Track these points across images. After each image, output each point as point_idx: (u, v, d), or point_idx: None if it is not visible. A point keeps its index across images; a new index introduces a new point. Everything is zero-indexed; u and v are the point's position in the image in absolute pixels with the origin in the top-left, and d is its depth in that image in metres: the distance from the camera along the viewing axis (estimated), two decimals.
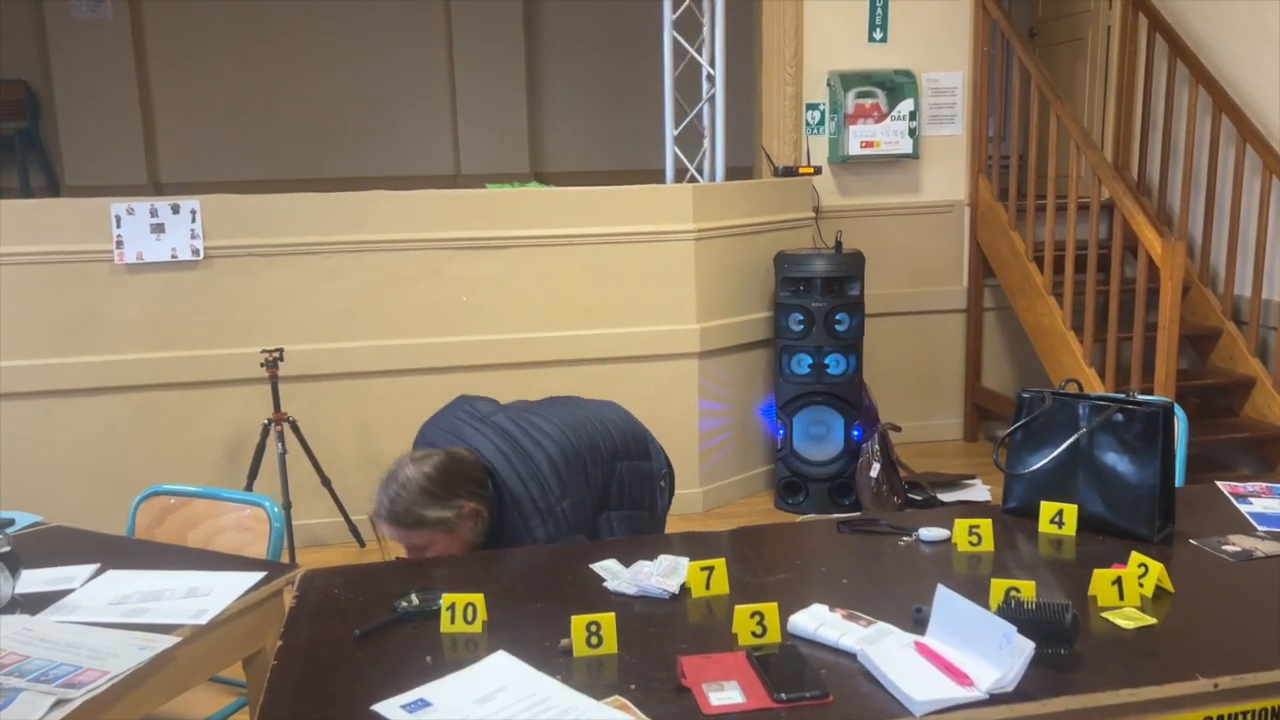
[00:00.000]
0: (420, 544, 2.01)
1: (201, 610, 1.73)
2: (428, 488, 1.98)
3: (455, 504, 1.99)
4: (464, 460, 2.07)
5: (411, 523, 1.98)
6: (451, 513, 1.99)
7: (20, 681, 1.50)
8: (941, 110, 4.97)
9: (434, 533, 1.99)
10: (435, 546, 2.01)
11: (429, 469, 2.00)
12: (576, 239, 4.08)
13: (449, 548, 2.01)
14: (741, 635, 1.55)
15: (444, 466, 2.02)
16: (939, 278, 5.09)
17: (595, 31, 7.73)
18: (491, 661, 1.51)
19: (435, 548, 2.01)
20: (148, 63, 7.33)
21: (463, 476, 2.04)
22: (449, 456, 2.06)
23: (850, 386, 4.25)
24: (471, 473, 2.06)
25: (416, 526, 1.98)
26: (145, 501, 2.24)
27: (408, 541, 2.01)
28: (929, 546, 1.92)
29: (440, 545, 2.00)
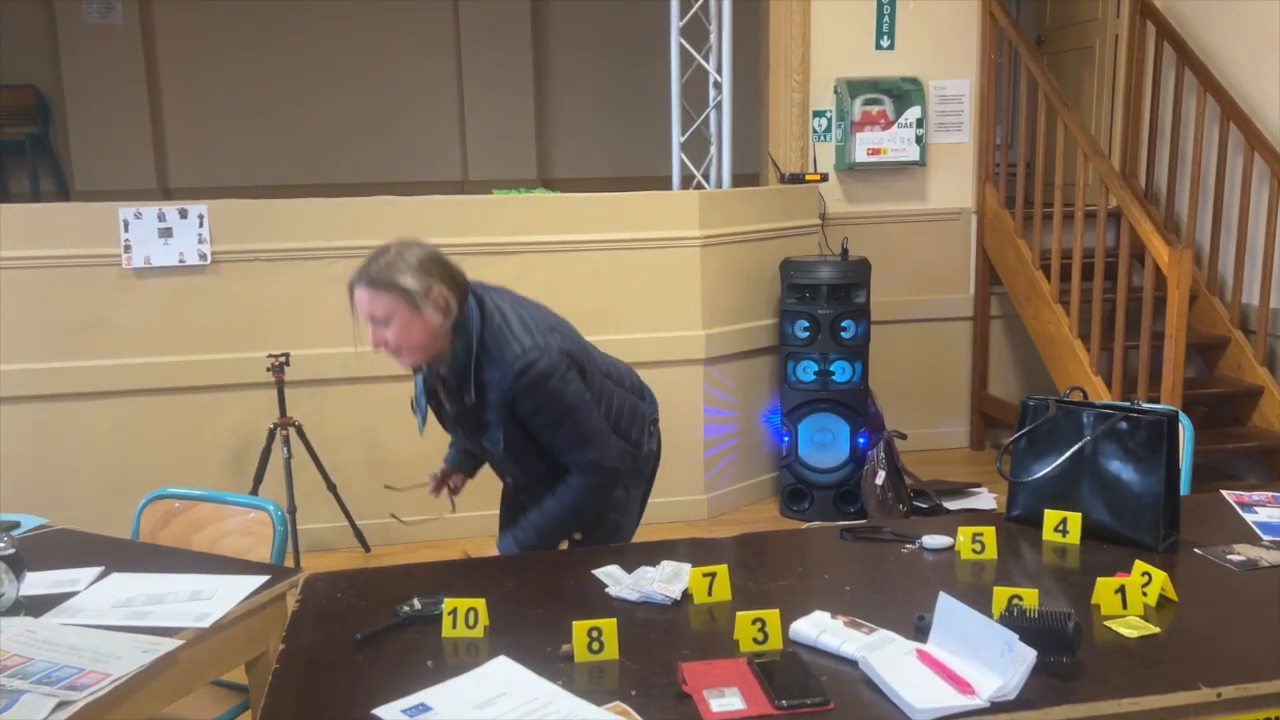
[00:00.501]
0: (382, 314, 1.98)
1: (205, 613, 1.73)
2: (408, 259, 1.99)
3: (428, 282, 1.98)
4: (453, 264, 2.08)
5: (383, 285, 1.96)
6: (421, 287, 1.97)
7: (23, 683, 1.51)
8: (948, 118, 4.97)
9: (398, 303, 1.96)
10: (396, 323, 1.98)
11: (417, 248, 2.03)
12: (583, 245, 4.08)
13: (407, 331, 1.99)
14: (743, 642, 1.54)
15: (432, 253, 2.04)
16: (945, 285, 5.08)
17: (603, 38, 7.75)
18: (493, 666, 1.51)
19: (395, 325, 1.98)
20: (157, 68, 7.37)
21: (446, 268, 2.05)
22: (440, 252, 2.07)
23: (856, 394, 4.24)
24: (456, 274, 2.06)
25: (386, 290, 1.96)
26: (150, 505, 2.25)
27: (371, 309, 1.98)
28: (932, 554, 1.91)
29: (401, 322, 1.98)
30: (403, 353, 2.03)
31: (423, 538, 4.04)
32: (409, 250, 2.01)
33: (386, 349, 2.02)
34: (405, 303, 1.97)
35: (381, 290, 1.97)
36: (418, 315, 1.98)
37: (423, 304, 1.98)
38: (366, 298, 1.98)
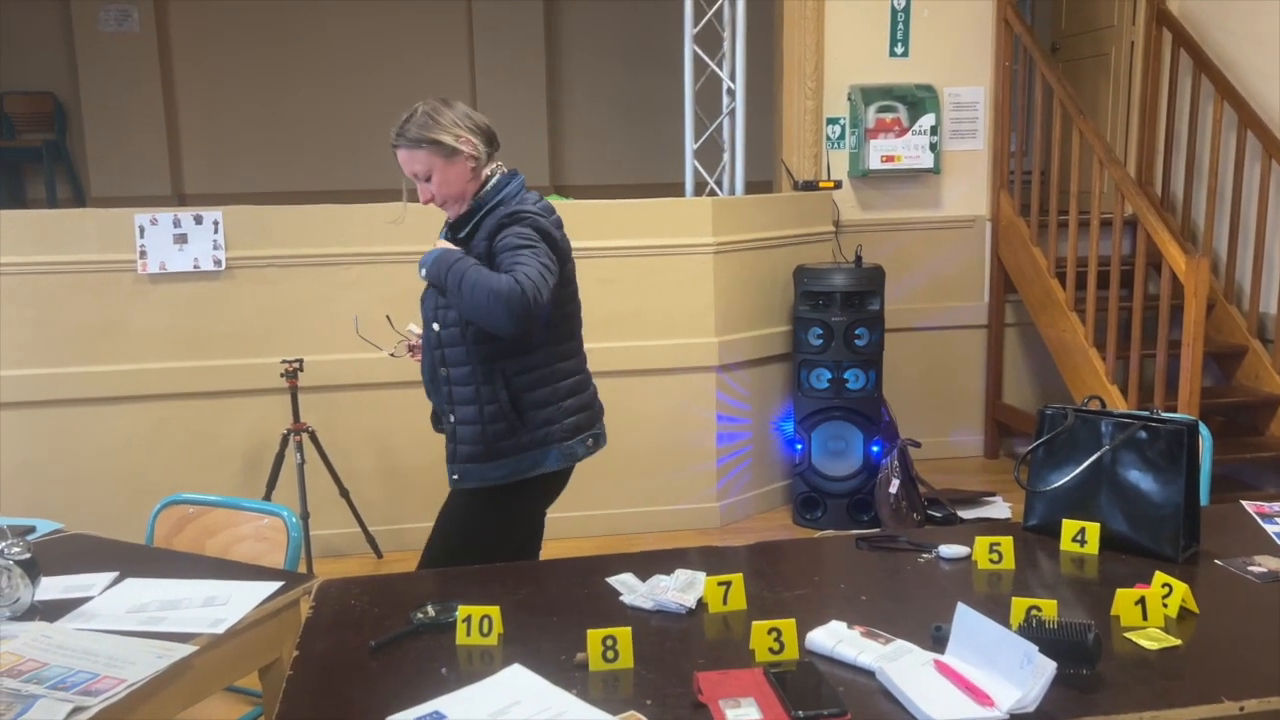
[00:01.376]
0: (423, 170, 2.17)
1: (219, 619, 1.73)
2: (437, 116, 2.18)
3: (457, 132, 2.18)
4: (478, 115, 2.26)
5: (419, 142, 2.16)
6: (452, 138, 2.17)
7: (39, 688, 1.51)
8: (963, 125, 4.95)
9: (434, 157, 2.16)
10: (436, 175, 2.17)
11: (443, 105, 2.21)
12: (595, 252, 4.08)
13: (446, 182, 2.18)
14: (759, 651, 1.53)
15: (458, 106, 2.23)
16: (960, 293, 5.06)
17: (616, 45, 7.76)
18: (507, 675, 1.50)
19: (436, 177, 2.17)
20: (173, 75, 7.41)
21: (471, 118, 2.23)
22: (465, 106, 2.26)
23: (869, 402, 4.23)
24: (481, 123, 2.24)
25: (421, 146, 2.16)
26: (164, 510, 2.25)
27: (412, 167, 2.19)
28: (949, 564, 1.90)
29: (440, 176, 2.17)
30: (448, 203, 2.23)
31: None
32: (437, 108, 2.19)
33: (433, 203, 2.22)
34: (440, 155, 2.17)
35: (419, 148, 2.16)
36: (453, 165, 2.18)
37: (456, 155, 2.18)
38: (406, 157, 2.18)
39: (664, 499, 4.24)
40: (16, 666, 1.57)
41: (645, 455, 4.19)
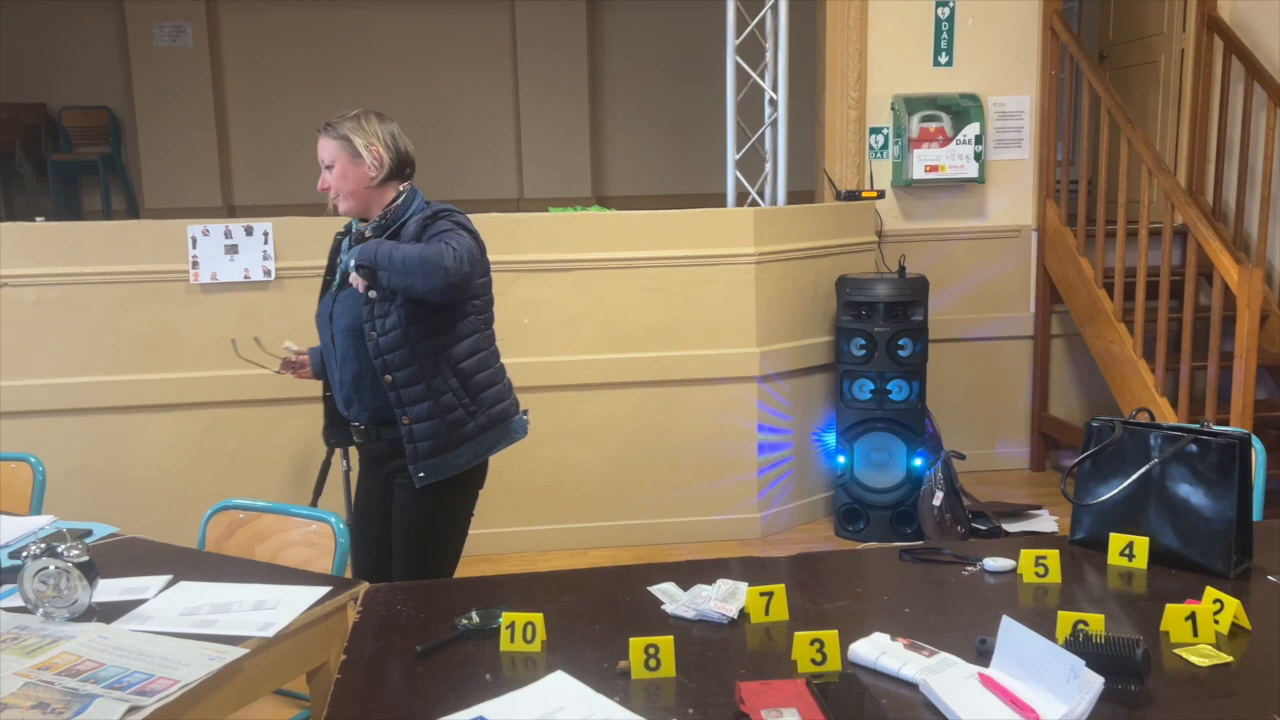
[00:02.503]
0: (329, 159, 2.35)
1: (269, 623, 1.76)
2: (367, 120, 2.38)
3: (371, 143, 2.35)
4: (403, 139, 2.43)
5: (333, 133, 2.35)
6: (363, 143, 2.34)
7: (96, 688, 1.55)
8: (1008, 134, 4.91)
9: (340, 151, 2.34)
10: (337, 168, 2.34)
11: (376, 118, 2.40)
12: (637, 262, 4.10)
13: (343, 177, 2.34)
14: (801, 662, 1.53)
15: (388, 124, 2.42)
16: (1005, 304, 5.01)
17: (658, 57, 7.80)
18: (550, 681, 1.52)
19: (336, 169, 2.34)
20: (224, 90, 7.57)
21: (394, 139, 2.40)
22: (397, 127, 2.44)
23: (913, 413, 4.19)
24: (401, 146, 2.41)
25: (334, 138, 2.35)
26: (216, 515, 2.29)
27: (321, 154, 2.36)
28: (994, 577, 1.88)
29: (339, 170, 2.34)
30: (340, 197, 2.37)
31: (477, 552, 4.07)
32: (369, 116, 2.39)
33: (327, 191, 2.37)
34: (346, 151, 2.34)
35: (331, 138, 2.35)
36: (354, 166, 2.34)
37: (360, 159, 2.34)
38: (321, 143, 2.36)
39: (705, 509, 4.24)
40: (75, 666, 1.61)
41: (686, 465, 4.20)
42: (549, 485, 4.14)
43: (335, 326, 2.38)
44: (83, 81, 7.52)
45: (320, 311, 2.47)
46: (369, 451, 2.50)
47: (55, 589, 1.77)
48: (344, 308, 2.36)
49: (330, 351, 2.43)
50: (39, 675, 1.58)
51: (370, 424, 2.41)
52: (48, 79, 7.50)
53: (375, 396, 2.36)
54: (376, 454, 2.48)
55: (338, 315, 2.38)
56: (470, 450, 2.40)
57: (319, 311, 2.48)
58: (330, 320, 2.40)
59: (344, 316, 2.36)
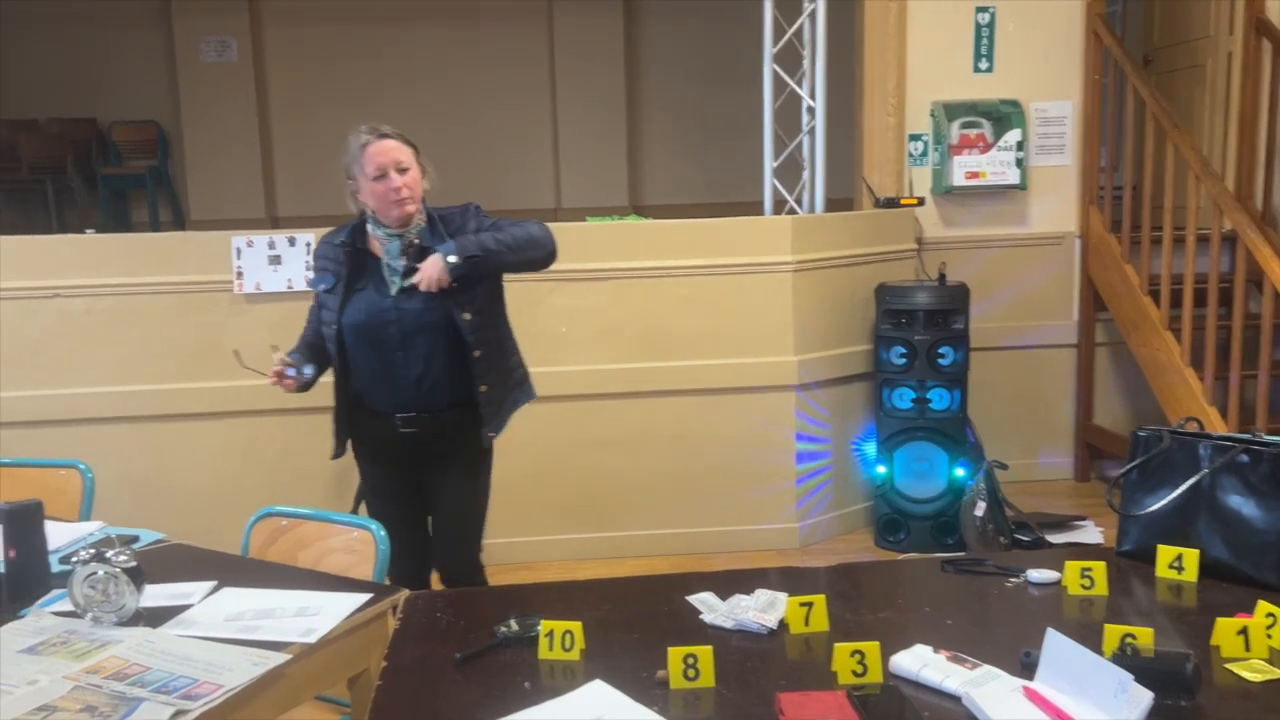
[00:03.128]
0: (407, 163, 2.48)
1: (310, 629, 1.78)
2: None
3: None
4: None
5: (408, 141, 2.52)
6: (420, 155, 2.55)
7: (143, 691, 1.57)
8: (1050, 140, 4.85)
9: (414, 157, 2.51)
10: (414, 171, 2.49)
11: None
12: (674, 271, 4.10)
13: (415, 182, 2.50)
14: (841, 674, 1.52)
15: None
16: (1048, 312, 4.94)
17: (695, 66, 7.81)
18: (588, 690, 1.52)
19: (413, 173, 2.49)
20: (268, 103, 7.70)
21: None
22: None
23: (954, 422, 4.15)
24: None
25: (408, 144, 2.51)
26: (259, 522, 2.32)
27: (397, 156, 2.47)
28: (1038, 589, 1.85)
29: (413, 173, 2.49)
30: (409, 201, 2.48)
31: (516, 560, 4.09)
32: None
33: (397, 195, 2.45)
34: (418, 159, 2.52)
35: (405, 143, 2.50)
36: (420, 170, 2.53)
37: (424, 165, 2.54)
38: (394, 147, 2.47)
39: (742, 519, 4.22)
40: (122, 670, 1.64)
41: (724, 474, 4.18)
42: (587, 494, 4.15)
43: (410, 326, 2.49)
44: (132, 97, 7.69)
45: (370, 317, 2.50)
46: (409, 443, 2.57)
47: (104, 594, 1.80)
48: (421, 306, 2.47)
49: (389, 353, 2.50)
50: (87, 679, 1.61)
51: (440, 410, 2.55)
52: (98, 95, 7.68)
53: (458, 381, 2.54)
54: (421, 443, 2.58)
55: (413, 315, 2.48)
56: (510, 407, 2.69)
57: (361, 318, 2.50)
58: (396, 321, 2.49)
59: (428, 314, 2.48)
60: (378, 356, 2.52)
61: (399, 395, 2.53)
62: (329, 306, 2.57)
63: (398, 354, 2.50)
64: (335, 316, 2.54)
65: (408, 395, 2.52)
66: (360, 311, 2.51)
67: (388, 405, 2.55)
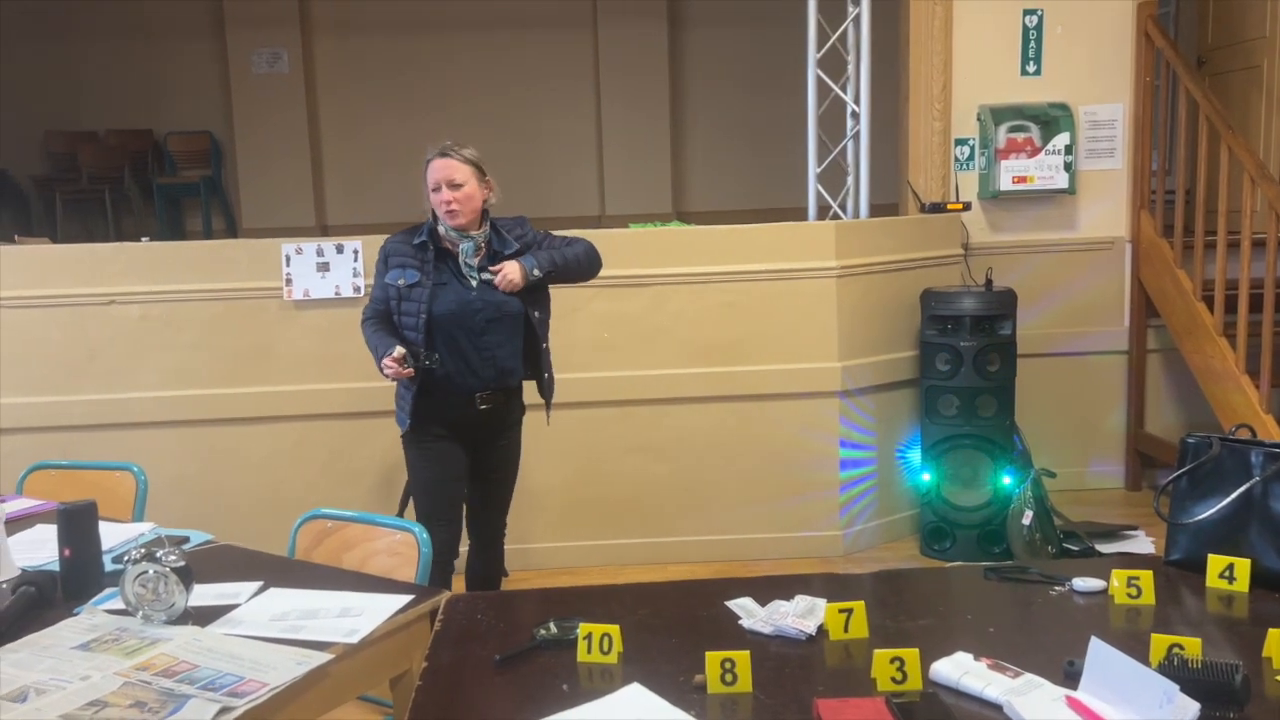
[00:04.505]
0: (461, 180, 2.78)
1: (354, 629, 1.81)
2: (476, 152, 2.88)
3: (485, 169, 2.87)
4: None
5: (466, 159, 2.81)
6: (482, 169, 2.86)
7: (190, 688, 1.61)
8: (1100, 144, 4.77)
9: (473, 173, 2.81)
10: (466, 187, 2.79)
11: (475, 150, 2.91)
12: (717, 277, 4.10)
13: (469, 194, 2.80)
14: (880, 680, 1.51)
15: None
16: (1098, 318, 4.86)
17: (739, 72, 7.80)
18: (626, 693, 1.52)
19: (465, 189, 2.79)
20: (318, 114, 7.83)
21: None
22: None
23: (1001, 429, 4.09)
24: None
25: (466, 161, 2.81)
26: (305, 524, 2.36)
27: (451, 174, 2.78)
28: (1083, 597, 1.82)
29: (470, 188, 2.80)
30: (458, 214, 2.79)
31: (557, 564, 4.11)
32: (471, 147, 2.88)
33: (447, 207, 2.78)
34: (477, 175, 2.83)
35: (462, 161, 2.80)
36: (481, 187, 2.84)
37: (482, 182, 2.85)
38: (450, 164, 2.79)
39: (786, 526, 4.20)
40: (171, 667, 1.68)
41: (766, 481, 4.17)
42: (628, 499, 4.16)
43: (492, 315, 2.84)
44: (186, 108, 7.86)
45: (459, 307, 2.82)
46: (483, 419, 2.93)
47: (154, 593, 1.85)
48: (502, 299, 2.84)
49: (474, 338, 2.84)
50: (138, 675, 1.65)
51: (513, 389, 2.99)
52: (154, 107, 7.86)
53: (527, 363, 2.97)
54: (493, 419, 2.96)
55: (495, 305, 2.84)
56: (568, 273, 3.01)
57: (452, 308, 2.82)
58: (479, 311, 2.83)
59: (507, 305, 2.85)
60: (467, 339, 2.83)
61: (481, 375, 2.87)
62: (413, 299, 2.83)
63: (483, 338, 2.84)
64: (422, 307, 2.82)
65: (489, 374, 2.87)
66: (450, 302, 2.82)
67: (469, 386, 2.87)
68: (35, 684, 1.63)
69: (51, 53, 7.67)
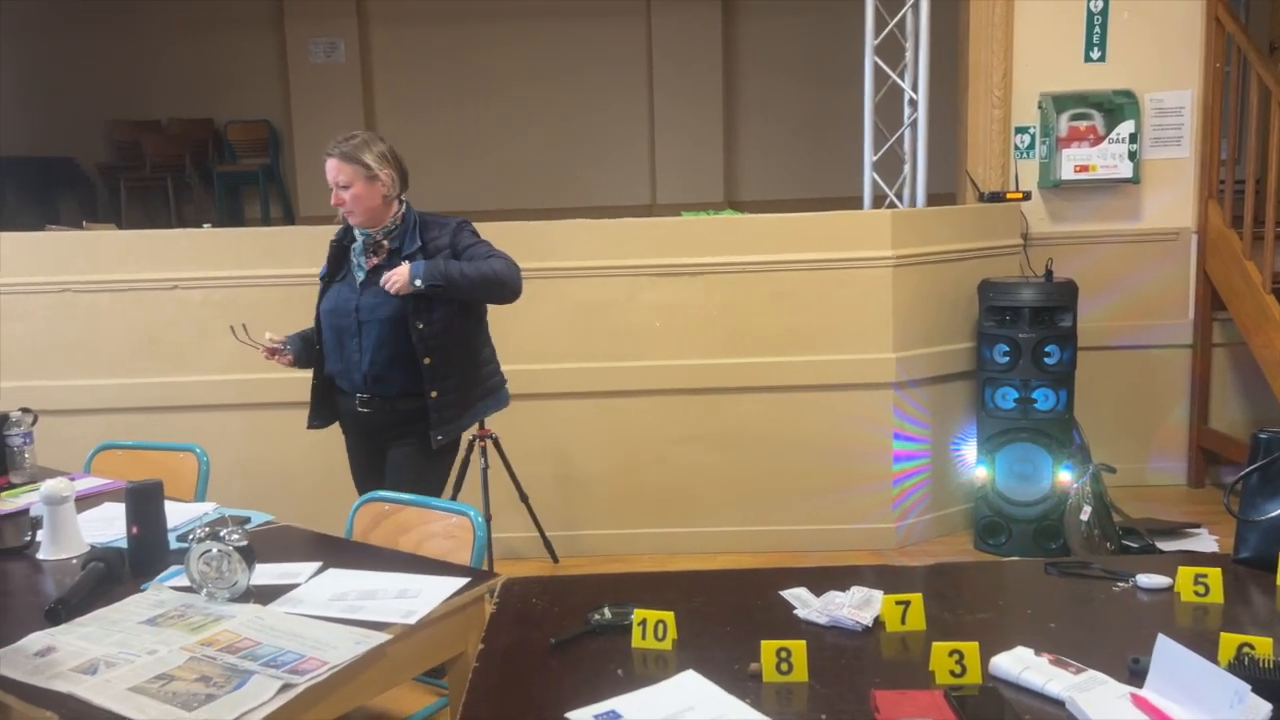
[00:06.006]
0: (345, 181, 2.66)
1: (411, 611, 1.83)
2: (373, 143, 2.70)
3: (383, 166, 2.68)
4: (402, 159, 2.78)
5: (349, 159, 2.65)
6: (376, 166, 2.67)
7: (253, 665, 1.64)
8: (1166, 132, 4.65)
9: (358, 173, 2.66)
10: (353, 188, 2.66)
11: (379, 141, 2.73)
12: (769, 265, 4.07)
13: (357, 195, 2.67)
14: (939, 674, 1.49)
15: (390, 147, 2.75)
16: (1162, 310, 4.75)
17: (794, 60, 7.74)
18: (681, 680, 1.52)
19: (353, 189, 2.66)
20: (374, 103, 7.92)
21: (398, 161, 2.75)
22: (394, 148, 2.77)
23: (1060, 423, 4.02)
24: (403, 167, 2.76)
25: (351, 162, 2.65)
26: (363, 507, 2.40)
27: (336, 176, 2.67)
28: (1148, 594, 1.78)
29: (357, 188, 2.66)
30: (353, 215, 2.70)
31: (606, 552, 4.12)
32: (372, 140, 2.71)
33: (343, 207, 2.69)
34: (363, 175, 2.66)
35: (345, 162, 2.66)
36: (370, 187, 2.67)
37: (375, 181, 2.67)
38: (336, 166, 2.67)
39: (837, 518, 4.17)
40: (235, 644, 1.71)
41: (818, 472, 4.14)
42: (678, 488, 4.16)
43: (365, 317, 2.71)
44: (245, 98, 8.00)
45: (336, 305, 2.77)
46: (368, 422, 2.81)
47: (218, 571, 1.88)
48: (379, 301, 2.69)
49: (347, 339, 2.75)
50: (203, 650, 1.69)
51: (392, 398, 2.75)
52: (214, 96, 8.01)
53: (406, 375, 2.71)
54: (377, 424, 2.80)
55: (369, 308, 2.71)
56: (472, 415, 2.85)
57: (332, 306, 2.78)
58: (355, 312, 2.72)
59: (381, 308, 2.69)
60: (338, 340, 2.77)
61: (354, 378, 2.77)
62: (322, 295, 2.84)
63: (353, 340, 2.73)
64: (318, 303, 2.82)
65: (358, 377, 2.75)
66: (331, 300, 2.80)
67: (349, 386, 2.79)
68: (104, 657, 1.67)
69: (116, 44, 7.85)
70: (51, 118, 7.63)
